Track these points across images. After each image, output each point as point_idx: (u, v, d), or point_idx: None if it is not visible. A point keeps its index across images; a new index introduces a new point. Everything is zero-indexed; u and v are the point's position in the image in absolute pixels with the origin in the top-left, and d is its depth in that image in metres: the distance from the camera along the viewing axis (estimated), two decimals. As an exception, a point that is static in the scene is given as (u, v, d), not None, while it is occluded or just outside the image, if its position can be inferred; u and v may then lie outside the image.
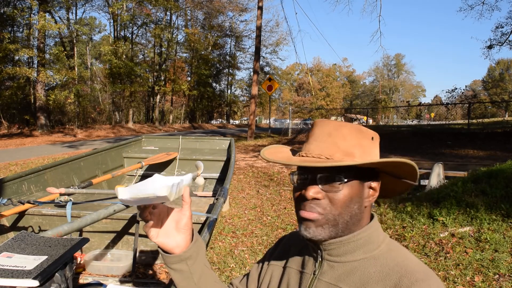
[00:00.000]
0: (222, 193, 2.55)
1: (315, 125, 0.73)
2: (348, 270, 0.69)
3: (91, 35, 29.47)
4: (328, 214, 0.68)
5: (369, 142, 0.71)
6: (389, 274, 0.64)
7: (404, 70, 62.97)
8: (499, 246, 2.82)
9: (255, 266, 0.91)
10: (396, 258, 0.67)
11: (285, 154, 0.76)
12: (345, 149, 0.68)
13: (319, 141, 0.70)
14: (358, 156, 0.68)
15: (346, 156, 0.68)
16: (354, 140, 0.69)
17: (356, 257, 0.69)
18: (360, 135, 0.70)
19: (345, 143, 0.68)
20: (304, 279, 0.74)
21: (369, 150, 0.70)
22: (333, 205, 0.67)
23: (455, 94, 19.32)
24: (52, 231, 1.60)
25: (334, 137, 0.69)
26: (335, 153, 0.68)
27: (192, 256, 0.75)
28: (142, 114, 32.36)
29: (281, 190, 5.99)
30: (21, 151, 11.83)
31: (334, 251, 0.71)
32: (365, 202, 0.71)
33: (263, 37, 33.95)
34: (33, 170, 2.85)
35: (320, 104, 45.36)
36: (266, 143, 13.63)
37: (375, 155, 0.71)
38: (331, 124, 0.71)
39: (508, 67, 57.69)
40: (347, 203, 0.68)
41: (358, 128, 0.70)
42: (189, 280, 0.76)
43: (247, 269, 3.01)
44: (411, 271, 0.63)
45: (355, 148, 0.69)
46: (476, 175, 4.48)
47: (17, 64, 19.27)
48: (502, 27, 18.49)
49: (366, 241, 0.70)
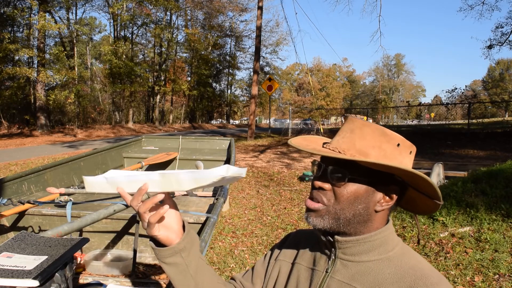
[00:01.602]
0: (222, 193, 2.55)
1: (346, 120, 0.74)
2: (362, 270, 0.69)
3: (91, 35, 29.49)
4: (330, 206, 0.69)
5: (393, 147, 0.68)
6: (404, 276, 0.65)
7: (404, 70, 62.97)
8: (499, 246, 2.82)
9: (260, 261, 0.90)
10: (410, 261, 0.68)
11: (313, 145, 0.76)
12: (360, 147, 0.68)
13: (341, 136, 0.71)
14: (373, 157, 0.67)
15: (359, 154, 0.67)
16: (374, 141, 0.68)
17: (371, 257, 0.69)
18: (383, 138, 0.68)
19: (363, 142, 0.68)
20: (315, 277, 0.74)
21: (390, 155, 0.67)
22: (336, 198, 0.68)
23: (455, 94, 19.33)
24: (52, 231, 1.59)
25: (355, 134, 0.69)
26: (350, 149, 0.68)
27: (186, 248, 0.74)
28: (142, 114, 32.37)
29: (281, 190, 5.99)
30: (21, 151, 11.83)
31: (348, 250, 0.71)
32: (375, 206, 0.69)
33: (263, 37, 34.00)
34: (33, 170, 2.85)
35: (320, 104, 45.34)
36: (266, 143, 13.63)
37: (398, 163, 0.67)
38: (357, 122, 0.71)
39: (508, 67, 57.67)
40: (351, 200, 0.68)
41: (383, 130, 0.69)
42: (185, 273, 0.75)
43: (247, 269, 3.01)
44: (426, 274, 0.64)
45: (372, 149, 0.68)
46: (476, 175, 4.48)
47: (17, 64, 19.27)
48: (502, 27, 18.50)
49: (382, 242, 0.70)
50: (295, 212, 4.73)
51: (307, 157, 9.76)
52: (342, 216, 0.68)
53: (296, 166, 8.24)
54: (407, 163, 0.69)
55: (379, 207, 0.69)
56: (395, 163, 0.65)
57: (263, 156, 9.97)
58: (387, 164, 0.63)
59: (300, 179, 6.74)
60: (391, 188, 0.69)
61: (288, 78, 54.94)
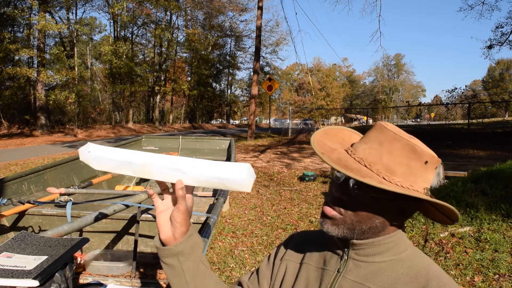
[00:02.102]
0: (222, 193, 2.55)
1: (375, 127, 0.71)
2: (375, 270, 0.69)
3: (91, 35, 29.51)
4: (347, 217, 0.68)
5: (420, 165, 0.66)
6: (417, 276, 0.65)
7: (404, 70, 63.01)
8: (499, 246, 2.82)
9: (264, 263, 0.89)
10: (423, 262, 0.68)
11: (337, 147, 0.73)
12: (387, 163, 0.66)
13: (369, 145, 0.68)
14: (399, 175, 0.65)
15: (385, 171, 0.66)
16: (402, 158, 0.66)
17: (384, 258, 0.69)
18: (412, 155, 0.66)
19: (391, 158, 0.66)
20: (326, 276, 0.73)
21: (416, 172, 0.66)
22: (354, 211, 0.67)
23: (455, 94, 19.34)
24: (52, 231, 1.60)
25: (383, 147, 0.67)
26: (376, 164, 0.66)
27: (185, 252, 0.71)
28: (142, 114, 32.36)
29: (281, 190, 5.99)
30: (21, 151, 11.84)
31: (362, 251, 0.71)
32: (392, 220, 0.69)
33: (263, 37, 34.00)
34: (33, 170, 2.85)
35: (320, 104, 45.32)
36: (266, 143, 13.62)
37: (422, 180, 0.66)
38: (388, 134, 0.67)
39: (508, 67, 57.68)
40: (370, 215, 0.67)
41: (413, 147, 0.65)
42: (181, 278, 0.72)
43: (247, 269, 3.01)
44: (438, 275, 0.65)
45: (399, 166, 0.65)
46: (476, 175, 4.48)
47: (17, 64, 19.26)
48: (502, 27, 18.51)
49: (394, 244, 0.70)
50: (295, 212, 4.73)
51: (307, 157, 9.76)
52: (358, 227, 0.68)
53: (296, 166, 8.24)
54: (430, 179, 0.69)
55: (395, 221, 0.70)
56: (417, 182, 0.66)
57: (263, 156, 9.97)
58: (413, 196, 0.63)
59: (300, 179, 6.74)
60: (410, 204, 0.69)
61: (288, 78, 54.95)
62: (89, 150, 0.70)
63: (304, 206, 4.98)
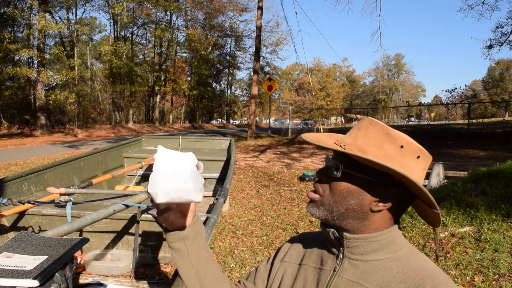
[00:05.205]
0: (222, 193, 2.55)
1: (359, 120, 0.78)
2: (370, 269, 0.69)
3: (91, 35, 29.49)
4: (325, 198, 0.72)
5: (395, 148, 0.66)
6: (412, 275, 0.65)
7: (404, 70, 62.97)
8: (499, 246, 2.82)
9: (263, 264, 0.91)
10: (418, 261, 0.68)
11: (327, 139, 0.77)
12: (361, 144, 0.69)
13: (349, 132, 0.73)
14: (371, 155, 0.66)
15: (357, 150, 0.68)
16: (376, 140, 0.68)
17: (379, 256, 0.70)
18: (386, 138, 0.67)
19: (365, 139, 0.69)
20: (322, 276, 0.74)
21: (391, 155, 0.66)
22: (331, 191, 0.71)
23: (455, 94, 19.29)
24: (52, 231, 1.60)
25: (360, 131, 0.71)
26: (351, 145, 0.69)
27: (190, 236, 0.79)
28: (142, 114, 32.35)
29: (281, 190, 5.99)
30: (21, 151, 11.84)
31: (356, 249, 0.71)
32: (371, 205, 0.68)
33: (263, 37, 34.00)
34: (33, 170, 2.85)
35: (320, 104, 45.31)
36: (266, 143, 13.63)
37: (399, 165, 0.65)
38: (366, 121, 0.72)
39: (508, 67, 57.67)
40: (343, 194, 0.69)
41: (387, 130, 0.68)
42: (186, 261, 0.80)
43: (247, 269, 3.01)
44: (433, 274, 0.65)
45: (372, 147, 0.67)
46: (476, 175, 4.48)
47: (17, 64, 19.27)
48: (502, 27, 18.52)
49: (389, 241, 0.70)
50: (295, 212, 4.73)
51: (307, 157, 9.77)
52: (335, 209, 0.70)
53: (296, 166, 8.24)
54: (412, 168, 0.66)
55: (375, 207, 0.69)
56: (393, 164, 0.64)
57: (263, 156, 9.97)
58: (371, 159, 0.63)
59: (300, 179, 6.74)
60: (390, 190, 0.68)
61: (288, 78, 54.94)
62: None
63: (304, 206, 4.97)
